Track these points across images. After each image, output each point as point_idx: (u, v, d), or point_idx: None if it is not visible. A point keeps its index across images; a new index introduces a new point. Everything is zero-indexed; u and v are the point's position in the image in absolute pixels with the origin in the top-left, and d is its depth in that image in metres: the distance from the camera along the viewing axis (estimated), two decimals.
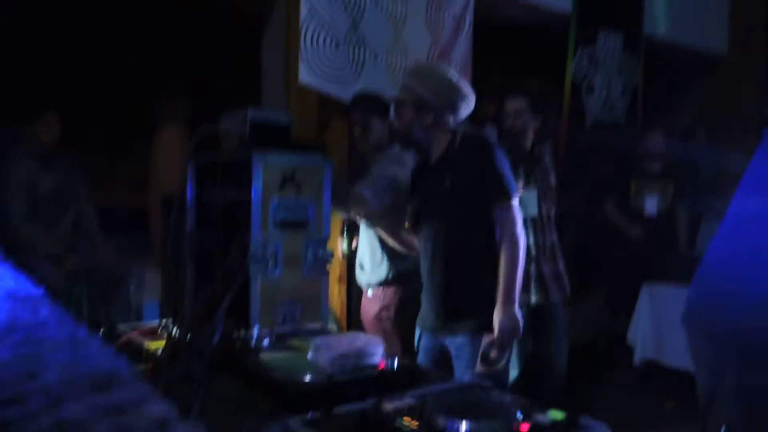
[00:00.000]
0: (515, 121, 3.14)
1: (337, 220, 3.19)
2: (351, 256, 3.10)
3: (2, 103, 3.57)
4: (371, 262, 2.82)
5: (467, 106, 2.30)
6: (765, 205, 1.63)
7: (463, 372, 2.14)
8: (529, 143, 3.17)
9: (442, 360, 2.25)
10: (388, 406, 1.23)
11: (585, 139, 4.78)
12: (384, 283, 2.81)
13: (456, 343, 2.21)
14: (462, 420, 1.15)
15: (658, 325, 3.85)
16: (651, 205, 4.46)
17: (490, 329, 2.14)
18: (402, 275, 2.79)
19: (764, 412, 1.59)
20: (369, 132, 2.79)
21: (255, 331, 1.72)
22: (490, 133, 3.97)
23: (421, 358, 2.33)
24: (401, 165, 2.77)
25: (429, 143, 2.31)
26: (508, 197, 2.18)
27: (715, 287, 1.75)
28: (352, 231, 3.07)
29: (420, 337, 2.38)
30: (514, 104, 3.16)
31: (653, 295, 3.96)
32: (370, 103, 2.84)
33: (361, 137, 2.82)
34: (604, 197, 4.61)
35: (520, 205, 2.25)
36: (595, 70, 4.92)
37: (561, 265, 3.18)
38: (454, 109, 2.27)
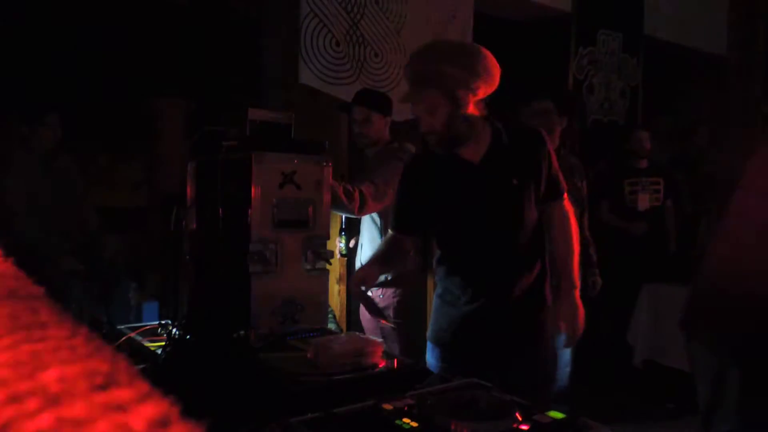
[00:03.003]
0: (542, 122, 3.02)
1: (335, 219, 3.19)
2: (349, 255, 3.11)
3: (4, 104, 3.57)
4: None
5: (498, 77, 1.90)
6: (765, 205, 1.60)
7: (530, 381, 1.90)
8: (555, 144, 3.16)
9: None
10: (388, 406, 1.23)
11: (584, 138, 4.79)
12: (383, 284, 2.81)
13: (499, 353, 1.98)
14: (462, 420, 1.15)
15: (658, 325, 3.85)
16: (643, 202, 4.47)
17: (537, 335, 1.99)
18: (401, 276, 2.80)
19: (767, 425, 1.58)
20: (369, 127, 2.81)
21: (255, 331, 1.72)
22: None
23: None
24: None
25: (467, 138, 1.91)
26: (564, 191, 2.02)
27: (713, 291, 1.72)
28: (350, 230, 3.07)
29: (443, 354, 2.04)
30: (542, 105, 3.13)
31: (653, 295, 3.96)
32: (371, 99, 2.86)
33: (361, 132, 2.84)
34: (599, 197, 4.61)
35: None
36: (595, 70, 4.93)
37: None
38: (492, 83, 1.87)
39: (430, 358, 2.07)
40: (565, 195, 2.03)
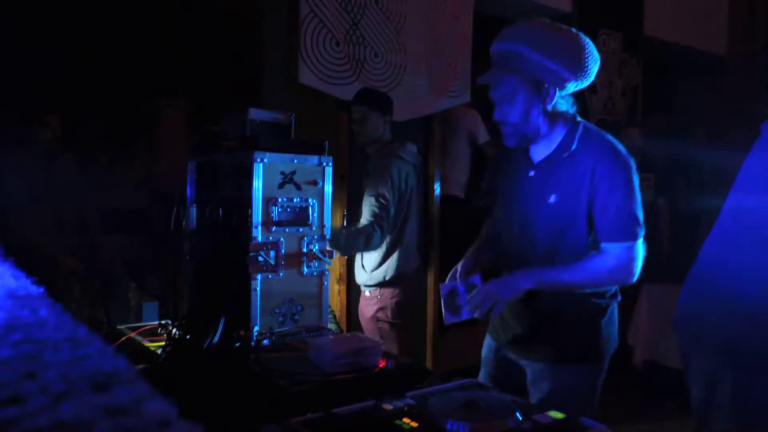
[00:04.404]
0: None
1: (340, 217, 3.19)
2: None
3: (4, 104, 3.57)
4: (373, 263, 2.82)
5: (595, 71, 1.67)
6: (760, 204, 1.60)
7: (539, 402, 1.72)
8: None
9: (513, 379, 1.85)
10: (388, 406, 1.23)
11: None
12: (382, 284, 2.81)
13: (534, 369, 1.80)
14: (462, 420, 1.15)
15: (657, 325, 3.85)
16: None
17: (577, 360, 1.76)
18: (400, 276, 2.80)
19: (760, 423, 1.58)
20: (367, 125, 2.81)
21: (255, 331, 1.72)
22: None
23: (486, 372, 1.96)
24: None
25: (541, 136, 1.70)
26: (632, 235, 1.62)
27: (707, 291, 1.72)
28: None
29: (493, 349, 1.95)
30: None
31: (653, 296, 3.96)
32: (369, 97, 2.86)
33: (360, 131, 2.85)
34: None
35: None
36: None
37: None
38: (585, 77, 1.64)
39: (485, 349, 1.98)
40: (635, 241, 1.63)
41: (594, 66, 1.65)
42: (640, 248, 1.64)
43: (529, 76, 1.62)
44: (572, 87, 1.66)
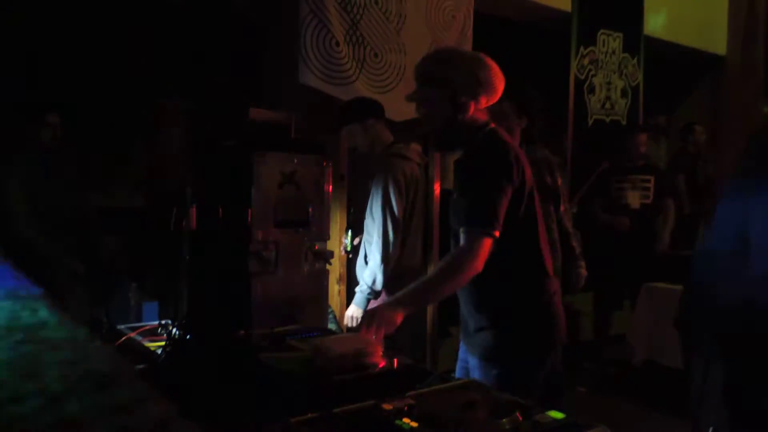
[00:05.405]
0: (500, 124, 3.12)
1: (340, 216, 3.19)
2: (353, 253, 3.11)
3: (4, 103, 3.57)
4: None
5: (501, 87, 1.94)
6: (755, 205, 1.61)
7: None
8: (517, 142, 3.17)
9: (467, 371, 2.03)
10: (388, 406, 1.23)
11: (586, 138, 4.81)
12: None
13: (471, 363, 1.97)
14: (462, 420, 1.15)
15: (657, 325, 3.85)
16: (633, 199, 4.50)
17: (496, 360, 1.86)
18: (399, 277, 2.79)
19: (748, 414, 1.60)
20: (357, 140, 2.81)
21: (255, 331, 1.72)
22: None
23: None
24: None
25: (460, 142, 1.96)
26: (483, 223, 1.75)
27: (704, 290, 1.74)
28: (355, 228, 3.07)
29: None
30: (499, 106, 3.16)
31: (652, 295, 3.96)
32: (342, 119, 2.83)
33: (355, 147, 2.86)
34: (593, 196, 4.64)
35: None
36: (596, 70, 4.93)
37: None
38: (493, 91, 1.91)
39: None
40: (474, 229, 1.75)
41: (498, 82, 1.90)
42: (487, 240, 1.74)
43: (447, 91, 1.86)
44: (484, 101, 1.90)
